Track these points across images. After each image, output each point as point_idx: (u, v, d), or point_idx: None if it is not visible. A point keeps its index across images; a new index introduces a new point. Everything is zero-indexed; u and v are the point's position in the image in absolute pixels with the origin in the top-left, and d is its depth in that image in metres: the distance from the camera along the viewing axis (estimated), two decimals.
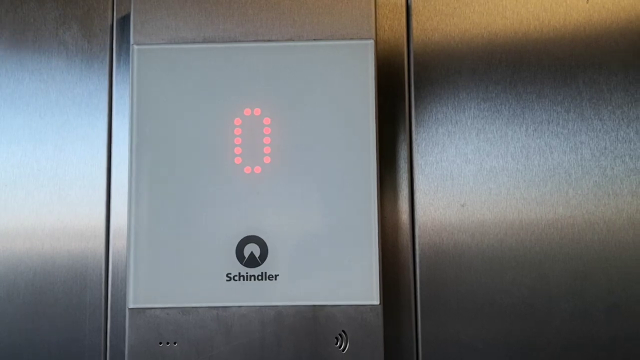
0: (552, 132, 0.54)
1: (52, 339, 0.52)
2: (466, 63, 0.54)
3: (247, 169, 0.51)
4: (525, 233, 0.53)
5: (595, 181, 0.53)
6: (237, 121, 0.51)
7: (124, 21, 0.55)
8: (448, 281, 0.52)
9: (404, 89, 0.54)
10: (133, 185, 0.50)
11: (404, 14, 0.55)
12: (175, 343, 0.49)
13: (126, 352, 0.49)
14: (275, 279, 0.50)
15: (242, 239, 0.50)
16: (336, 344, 0.49)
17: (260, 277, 0.50)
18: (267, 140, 0.51)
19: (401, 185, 0.54)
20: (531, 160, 0.53)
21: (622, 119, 0.54)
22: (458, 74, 0.54)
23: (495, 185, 0.53)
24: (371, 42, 0.51)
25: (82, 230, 0.53)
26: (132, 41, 0.52)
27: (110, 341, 0.52)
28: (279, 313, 0.50)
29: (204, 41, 0.52)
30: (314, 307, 0.49)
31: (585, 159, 0.53)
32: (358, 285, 0.50)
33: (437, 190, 0.53)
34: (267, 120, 0.51)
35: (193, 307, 0.49)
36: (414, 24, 0.55)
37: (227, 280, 0.50)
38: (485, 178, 0.53)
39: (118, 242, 0.53)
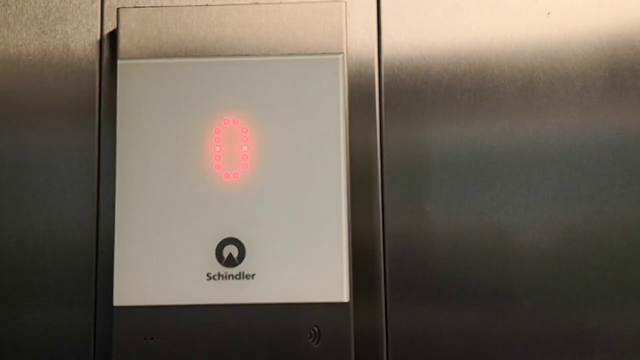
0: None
1: None
2: (433, 74, 0.58)
3: (225, 176, 0.54)
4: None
5: (554, 185, 0.57)
6: (217, 130, 0.54)
7: (112, 37, 0.58)
8: (416, 279, 0.56)
9: (374, 99, 0.58)
10: (119, 191, 0.54)
11: (375, 29, 0.59)
12: (159, 339, 0.53)
13: (113, 347, 0.53)
14: (253, 278, 0.53)
15: (221, 241, 0.53)
16: (309, 338, 0.53)
17: (238, 277, 0.53)
18: (244, 148, 0.54)
19: (372, 188, 0.57)
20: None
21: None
22: (425, 84, 0.58)
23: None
24: (342, 56, 0.55)
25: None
26: (118, 56, 0.55)
27: (99, 337, 0.55)
28: (256, 310, 0.53)
29: (185, 55, 0.55)
30: (289, 305, 0.53)
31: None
32: (329, 283, 0.53)
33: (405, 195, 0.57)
34: (244, 130, 0.54)
35: (175, 305, 0.53)
36: (383, 38, 0.58)
37: (207, 280, 0.53)
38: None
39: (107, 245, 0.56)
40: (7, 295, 0.56)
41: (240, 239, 0.53)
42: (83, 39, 0.59)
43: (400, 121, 0.57)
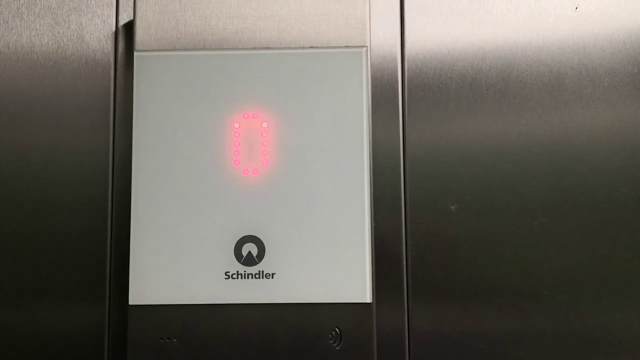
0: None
1: None
2: (457, 69, 0.56)
3: (245, 171, 0.53)
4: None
5: (580, 183, 0.55)
6: (236, 125, 0.53)
7: (127, 28, 0.57)
8: (439, 279, 0.54)
9: (397, 94, 0.56)
10: (135, 187, 0.52)
11: (398, 22, 0.57)
12: (175, 339, 0.51)
13: (128, 346, 0.51)
14: (272, 278, 0.52)
15: (240, 239, 0.52)
16: (330, 340, 0.51)
17: (257, 276, 0.52)
18: (264, 143, 0.53)
19: (394, 186, 0.55)
20: None
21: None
22: (449, 79, 0.56)
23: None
24: (365, 49, 0.53)
25: None
26: (134, 48, 0.54)
27: (112, 334, 0.54)
28: (275, 310, 0.51)
29: (204, 48, 0.54)
30: (309, 305, 0.51)
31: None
32: (351, 283, 0.51)
33: (428, 193, 0.55)
34: (265, 124, 0.53)
35: (192, 305, 0.51)
36: (407, 31, 0.57)
37: (225, 279, 0.52)
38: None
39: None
40: (17, 292, 0.54)
41: (259, 236, 0.52)
42: (98, 30, 0.57)
43: (424, 117, 0.56)
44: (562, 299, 0.54)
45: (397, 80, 0.56)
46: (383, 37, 0.57)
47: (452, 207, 0.55)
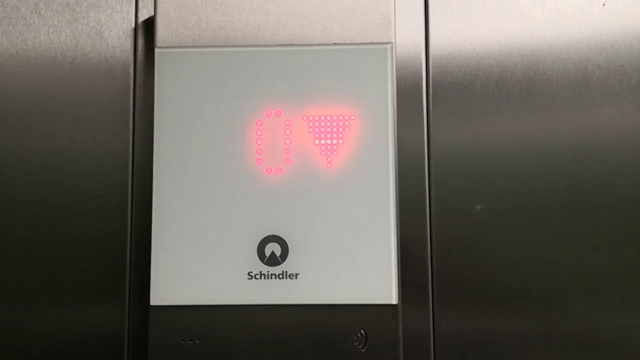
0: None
1: None
2: (482, 66, 0.55)
3: (268, 170, 0.52)
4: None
5: (608, 183, 0.54)
6: (259, 123, 0.52)
7: (147, 25, 0.56)
8: (465, 280, 0.53)
9: (421, 91, 0.55)
10: (156, 186, 0.51)
11: (422, 19, 0.56)
12: (197, 340, 0.50)
13: (149, 348, 0.50)
14: (296, 278, 0.51)
15: (263, 238, 0.51)
16: (355, 342, 0.50)
17: (281, 276, 0.51)
18: (287, 141, 0.52)
19: (419, 185, 0.54)
20: None
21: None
22: (475, 77, 0.55)
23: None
24: (390, 45, 0.52)
25: None
26: (155, 44, 0.53)
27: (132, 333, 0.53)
28: (299, 311, 0.50)
29: (226, 44, 0.53)
30: (334, 306, 0.50)
31: None
32: (377, 284, 0.50)
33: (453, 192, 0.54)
34: (287, 122, 0.52)
35: (214, 305, 0.50)
36: (431, 28, 0.56)
37: (248, 279, 0.51)
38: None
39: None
40: (35, 292, 0.53)
41: (283, 236, 0.51)
42: (117, 26, 0.56)
43: (449, 115, 0.55)
44: (591, 301, 0.53)
45: (421, 78, 0.55)
46: (407, 34, 0.56)
47: (478, 207, 0.54)
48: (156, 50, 0.53)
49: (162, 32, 0.53)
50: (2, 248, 0.54)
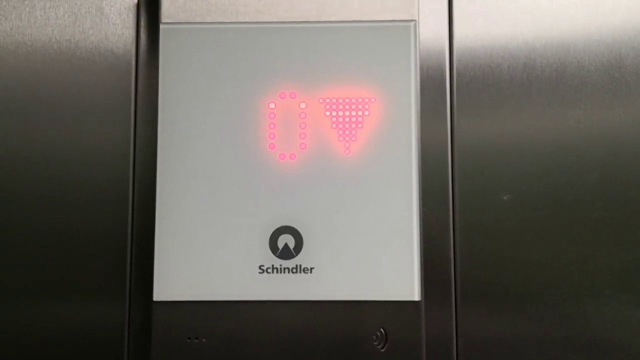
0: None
1: None
2: (510, 48, 0.52)
3: (281, 156, 0.48)
4: None
5: None
6: (271, 105, 0.49)
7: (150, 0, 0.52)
8: (490, 276, 0.50)
9: (444, 74, 0.52)
10: (160, 173, 0.48)
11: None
12: (204, 339, 0.47)
13: (152, 347, 0.47)
14: (311, 272, 0.47)
15: (275, 230, 0.48)
16: (375, 341, 0.47)
17: (294, 270, 0.47)
18: (302, 125, 0.48)
19: (442, 177, 0.51)
20: None
21: None
22: (502, 59, 0.52)
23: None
24: (414, 23, 0.49)
25: None
26: (160, 20, 0.49)
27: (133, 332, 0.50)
28: (314, 308, 0.47)
29: (237, 20, 0.49)
30: (352, 303, 0.47)
31: None
32: (397, 279, 0.47)
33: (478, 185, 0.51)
34: (303, 104, 0.48)
35: (223, 301, 0.47)
36: (455, 7, 0.53)
37: (259, 273, 0.47)
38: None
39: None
40: (33, 288, 0.50)
41: (297, 227, 0.48)
42: (118, 2, 0.53)
43: (474, 100, 0.52)
44: (624, 298, 0.50)
45: (444, 61, 0.52)
46: (429, 14, 0.52)
47: (505, 198, 0.51)
48: (161, 26, 0.49)
49: (167, 7, 0.50)
50: (1, 243, 0.50)
